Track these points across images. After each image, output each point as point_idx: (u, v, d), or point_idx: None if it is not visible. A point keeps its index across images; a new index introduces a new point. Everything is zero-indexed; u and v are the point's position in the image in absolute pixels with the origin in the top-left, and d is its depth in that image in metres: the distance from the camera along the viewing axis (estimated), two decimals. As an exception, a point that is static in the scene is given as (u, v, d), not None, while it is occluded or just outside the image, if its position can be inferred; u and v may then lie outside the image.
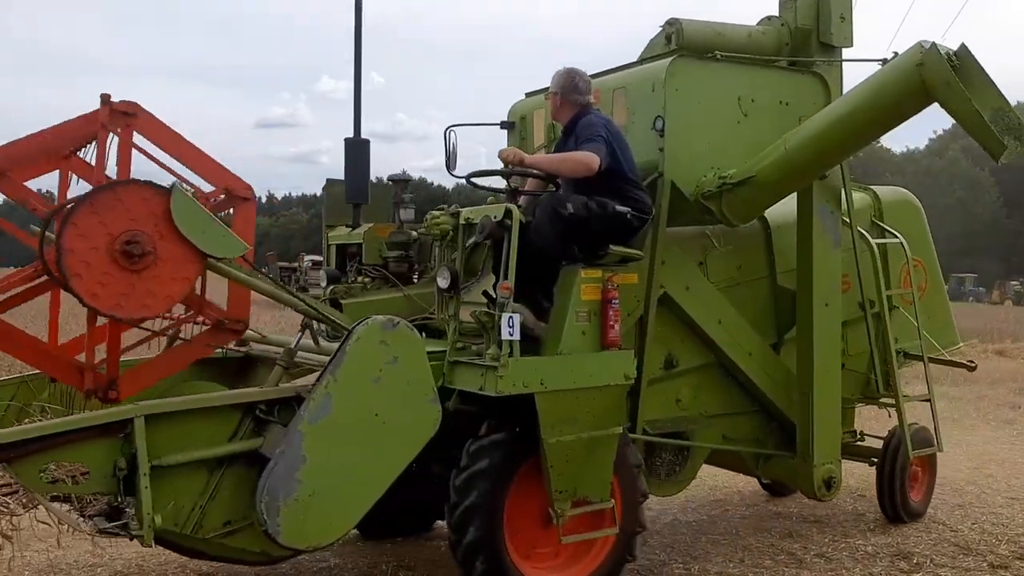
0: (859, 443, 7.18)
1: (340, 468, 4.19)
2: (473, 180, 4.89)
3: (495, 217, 4.64)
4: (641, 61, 5.88)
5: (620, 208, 4.84)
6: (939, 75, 4.24)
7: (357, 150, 6.78)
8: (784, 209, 6.29)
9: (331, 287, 5.96)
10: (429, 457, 4.64)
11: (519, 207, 4.76)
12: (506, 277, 4.54)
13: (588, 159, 4.74)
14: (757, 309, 6.32)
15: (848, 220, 6.51)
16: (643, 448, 5.90)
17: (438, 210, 5.14)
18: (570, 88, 5.14)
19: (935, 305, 7.33)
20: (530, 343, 4.82)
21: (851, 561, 6.16)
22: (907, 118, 4.68)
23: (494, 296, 4.63)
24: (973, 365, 6.88)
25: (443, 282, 4.85)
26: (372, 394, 4.27)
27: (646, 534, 6.53)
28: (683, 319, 5.91)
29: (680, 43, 5.66)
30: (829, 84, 5.87)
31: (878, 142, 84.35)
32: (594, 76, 5.95)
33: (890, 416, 6.89)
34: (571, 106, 5.16)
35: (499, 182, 5.17)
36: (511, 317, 4.47)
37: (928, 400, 6.74)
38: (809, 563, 6.12)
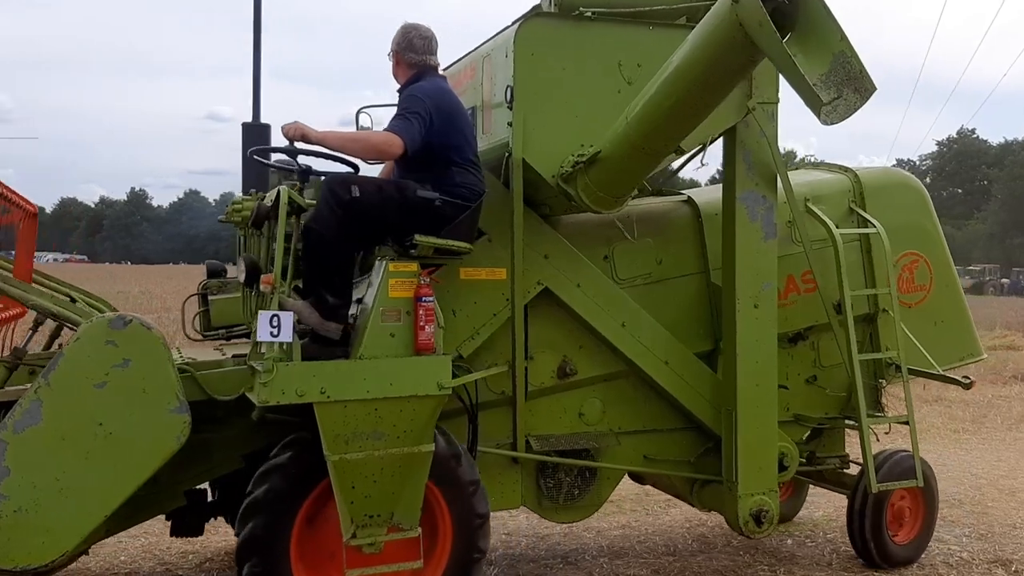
0: (845, 471, 6.11)
1: (54, 483, 3.75)
2: (257, 157, 4.33)
3: (270, 201, 4.10)
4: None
5: (425, 193, 4.17)
6: (753, 14, 3.32)
7: (255, 135, 6.34)
8: (720, 194, 5.40)
9: (205, 281, 5.58)
10: None
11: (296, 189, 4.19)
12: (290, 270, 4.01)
13: (385, 144, 4.10)
14: (684, 311, 5.44)
15: (803, 208, 5.58)
16: (535, 467, 5.19)
17: (249, 195, 4.64)
18: (405, 46, 4.48)
19: (945, 309, 6.13)
20: (338, 347, 4.25)
21: (945, 567, 5.87)
22: (740, 74, 3.72)
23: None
24: (967, 382, 5.66)
25: (241, 276, 4.35)
26: (95, 401, 3.81)
27: (730, 535, 6.44)
28: (581, 321, 5.14)
29: (561, 0, 4.88)
30: None
31: (972, 131, 77.49)
32: (479, 47, 5.30)
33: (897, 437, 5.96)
34: (407, 67, 4.50)
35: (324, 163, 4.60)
36: (274, 316, 3.90)
37: (906, 423, 5.60)
38: (901, 568, 5.78)
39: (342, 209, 4.02)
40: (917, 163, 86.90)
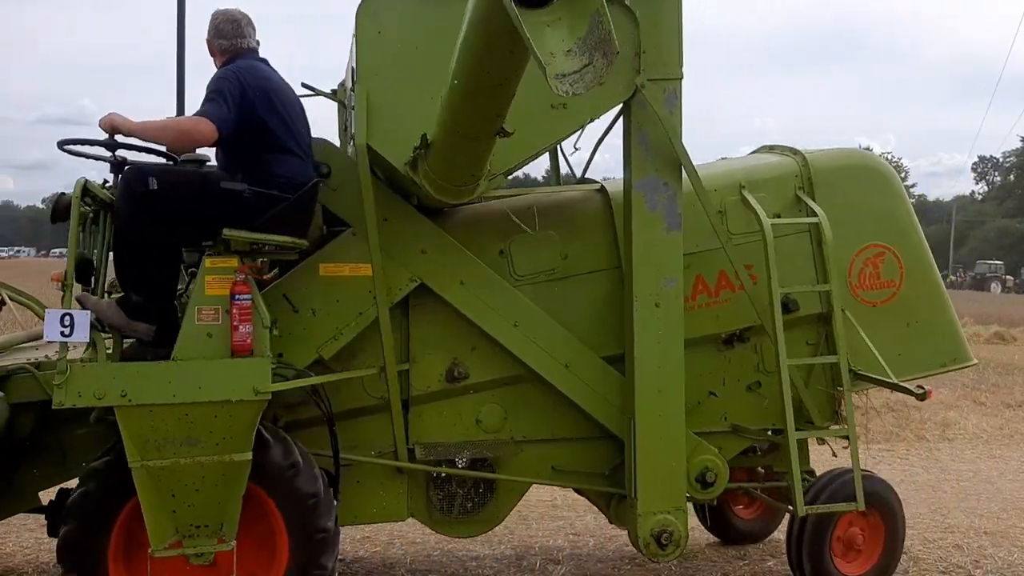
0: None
1: None
2: (69, 148, 4.16)
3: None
4: None
5: (230, 184, 3.91)
6: None
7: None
8: None
9: None
10: None
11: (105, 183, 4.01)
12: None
13: (193, 129, 3.87)
14: (594, 310, 4.97)
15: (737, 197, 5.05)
16: (425, 478, 4.86)
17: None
18: (214, 33, 4.26)
19: (921, 308, 5.38)
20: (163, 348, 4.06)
21: (1031, 581, 5.78)
22: (515, 43, 3.24)
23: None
24: (920, 392, 4.92)
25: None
26: None
27: None
28: (472, 321, 4.77)
29: None
30: (641, 18, 4.43)
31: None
32: None
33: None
34: (220, 54, 4.28)
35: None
36: (66, 315, 3.74)
37: (847, 436, 4.93)
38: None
39: (138, 203, 3.81)
40: (1001, 160, 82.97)
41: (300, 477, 4.18)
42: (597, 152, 5.65)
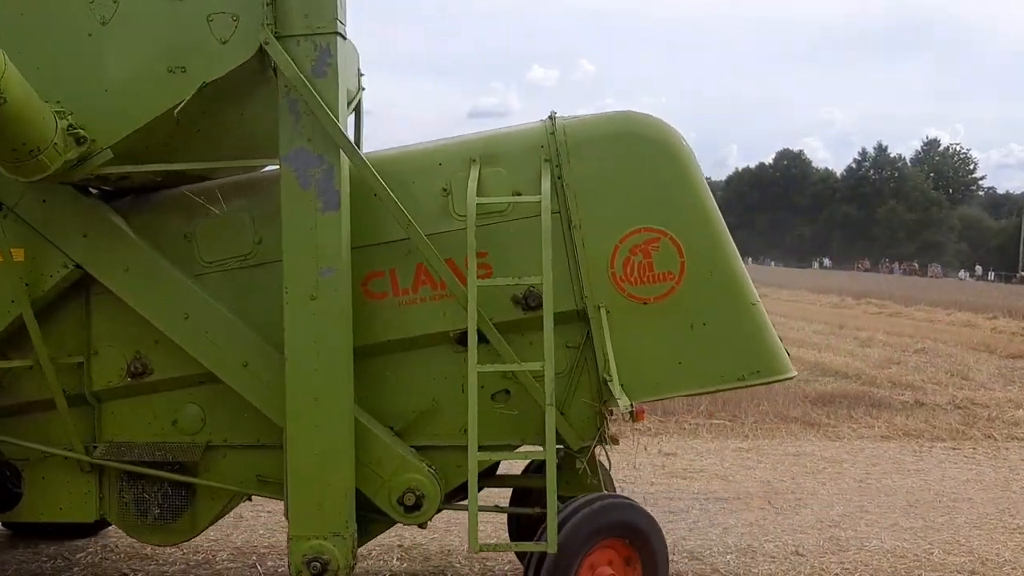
0: None
1: None
2: None
3: None
4: None
5: None
6: None
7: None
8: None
9: None
10: None
11: None
12: None
13: None
14: None
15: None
16: (119, 478, 4.55)
17: None
18: None
19: (712, 308, 4.35)
20: None
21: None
22: None
23: None
24: (629, 409, 3.90)
25: None
26: None
27: (863, 538, 6.26)
28: None
29: None
30: None
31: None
32: None
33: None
34: None
35: None
36: None
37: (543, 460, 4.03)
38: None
39: None
40: (1080, 148, 73.94)
41: None
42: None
